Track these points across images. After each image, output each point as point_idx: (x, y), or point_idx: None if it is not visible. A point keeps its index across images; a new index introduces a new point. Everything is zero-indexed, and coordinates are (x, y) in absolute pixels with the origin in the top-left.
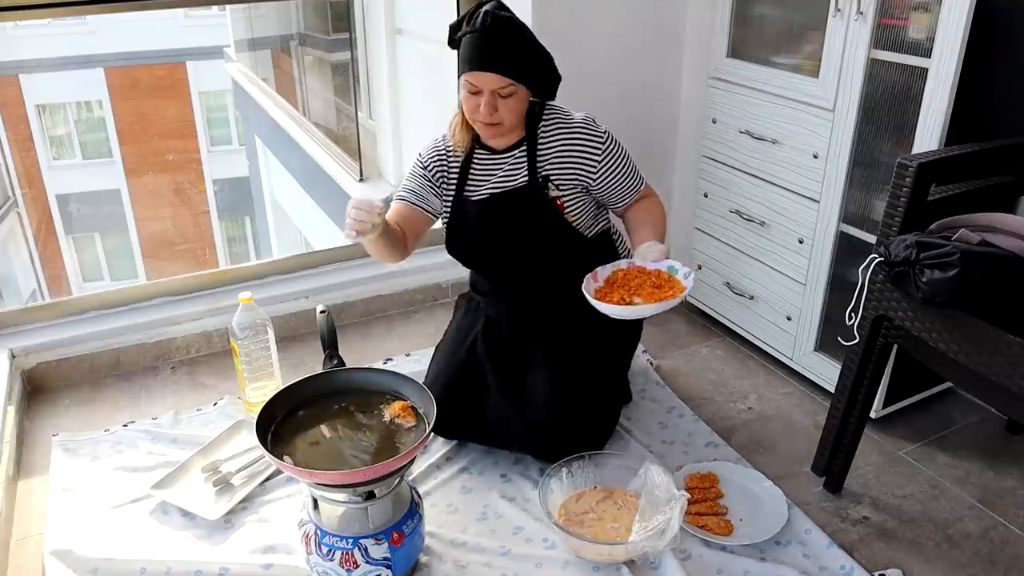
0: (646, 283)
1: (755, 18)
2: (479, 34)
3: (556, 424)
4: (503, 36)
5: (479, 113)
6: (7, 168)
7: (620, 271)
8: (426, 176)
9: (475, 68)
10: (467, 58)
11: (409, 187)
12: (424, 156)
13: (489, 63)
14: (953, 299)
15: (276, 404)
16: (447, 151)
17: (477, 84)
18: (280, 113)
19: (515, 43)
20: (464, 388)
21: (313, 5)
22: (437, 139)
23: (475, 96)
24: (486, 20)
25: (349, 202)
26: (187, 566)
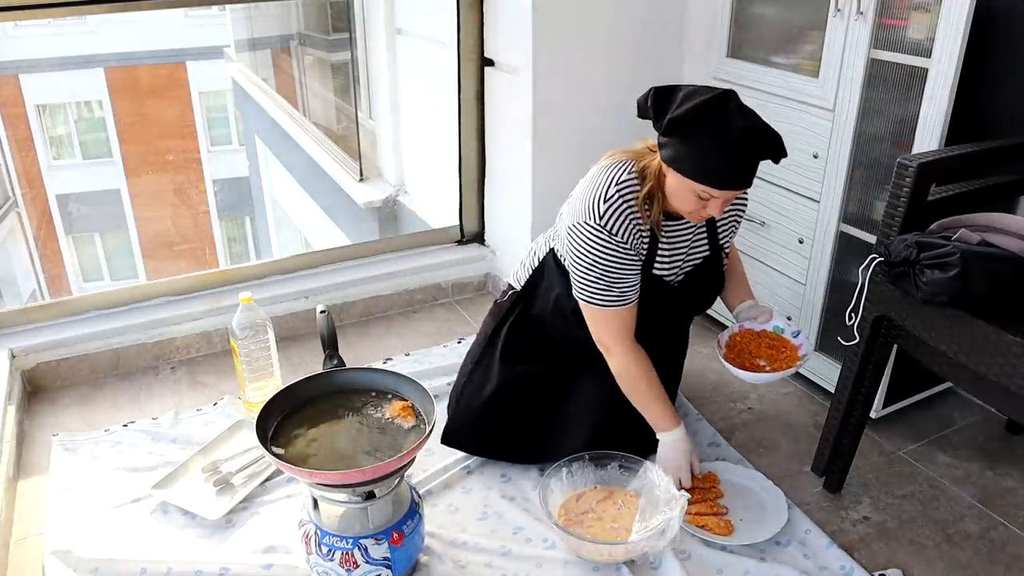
0: (762, 346)
1: (755, 18)
2: (734, 149)
3: (601, 436)
4: (758, 154)
5: (704, 214)
6: (7, 168)
7: (735, 335)
8: (634, 259)
9: (727, 187)
10: (715, 172)
11: (628, 282)
12: (622, 235)
13: (738, 182)
14: (953, 299)
15: (276, 404)
16: (637, 222)
17: (717, 195)
18: (280, 113)
19: (771, 154)
20: (511, 417)
21: (313, 5)
22: (615, 205)
23: (703, 200)
24: (742, 136)
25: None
26: (187, 566)
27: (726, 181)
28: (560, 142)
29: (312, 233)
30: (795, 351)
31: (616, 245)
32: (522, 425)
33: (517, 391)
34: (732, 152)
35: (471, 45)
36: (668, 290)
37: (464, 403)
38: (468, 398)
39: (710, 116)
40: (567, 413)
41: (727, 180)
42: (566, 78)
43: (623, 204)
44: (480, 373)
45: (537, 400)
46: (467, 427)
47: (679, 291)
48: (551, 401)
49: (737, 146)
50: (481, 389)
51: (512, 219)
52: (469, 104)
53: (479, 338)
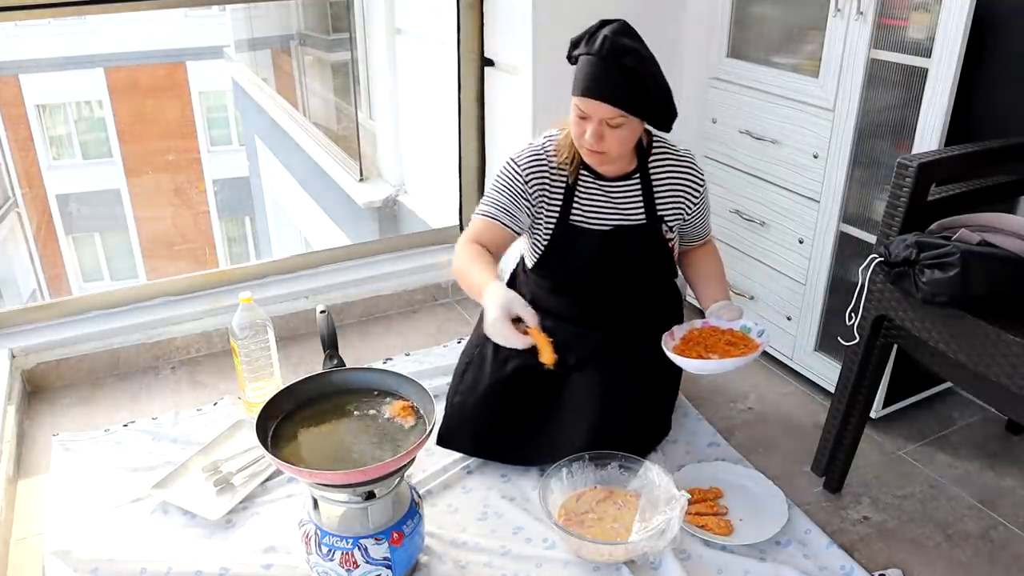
0: (720, 341)
1: (755, 18)
2: (596, 59)
3: (601, 436)
4: (618, 65)
5: (585, 139)
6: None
7: (695, 330)
8: (524, 191)
9: (587, 95)
10: (580, 82)
11: (500, 203)
12: (523, 167)
13: (601, 92)
14: (953, 299)
15: (276, 404)
16: (551, 167)
17: (587, 111)
18: (280, 113)
19: (632, 74)
20: (504, 413)
21: (313, 5)
22: (535, 147)
23: (583, 121)
24: (604, 45)
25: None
26: (187, 566)
27: (585, 88)
28: None
29: (312, 233)
30: (754, 348)
31: (515, 173)
32: (517, 426)
33: (510, 389)
34: (595, 61)
35: (471, 45)
36: (592, 236)
37: (458, 403)
38: (462, 397)
39: (590, 31)
40: (563, 414)
41: (586, 87)
42: (566, 78)
43: (541, 149)
44: (472, 372)
45: (531, 398)
46: (462, 428)
47: (609, 240)
48: (545, 401)
49: (598, 54)
50: (474, 389)
51: None
52: (469, 104)
53: (470, 339)
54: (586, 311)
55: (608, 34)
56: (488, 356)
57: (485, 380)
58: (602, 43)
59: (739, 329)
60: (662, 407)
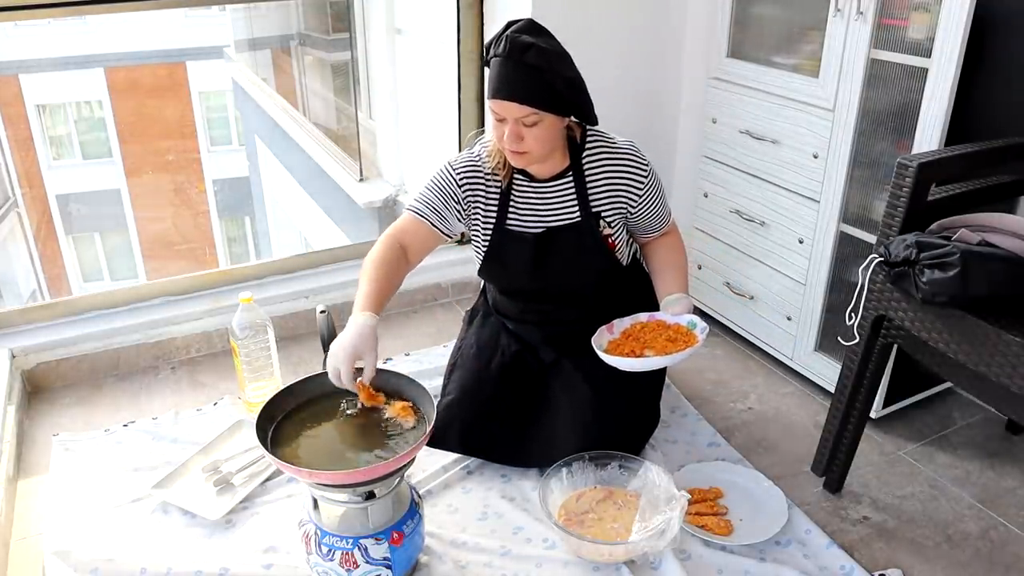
0: (661, 336)
1: (755, 18)
2: (501, 61)
3: (594, 441)
4: (524, 64)
5: (504, 141)
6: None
7: (639, 324)
8: (455, 197)
9: (496, 96)
10: (490, 84)
11: (431, 204)
12: (458, 173)
13: (509, 92)
14: (953, 299)
15: (276, 404)
16: (485, 174)
17: (500, 112)
18: (280, 113)
19: (535, 71)
20: (492, 409)
21: (313, 5)
22: (472, 154)
23: (501, 124)
24: (506, 45)
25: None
26: (187, 566)
27: (497, 91)
28: None
29: (312, 233)
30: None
31: (448, 176)
32: (506, 424)
33: (496, 386)
34: (501, 62)
35: (471, 45)
36: (525, 240)
37: (446, 403)
38: (449, 397)
39: (498, 33)
40: (553, 413)
41: (498, 90)
42: None
43: (477, 156)
44: (458, 372)
45: (518, 396)
46: (451, 427)
47: (540, 243)
48: (534, 399)
49: (503, 55)
50: (460, 388)
51: None
52: (469, 104)
53: (456, 341)
54: (539, 313)
55: (510, 34)
56: (470, 354)
57: (470, 379)
58: (505, 43)
59: (686, 324)
60: (650, 397)
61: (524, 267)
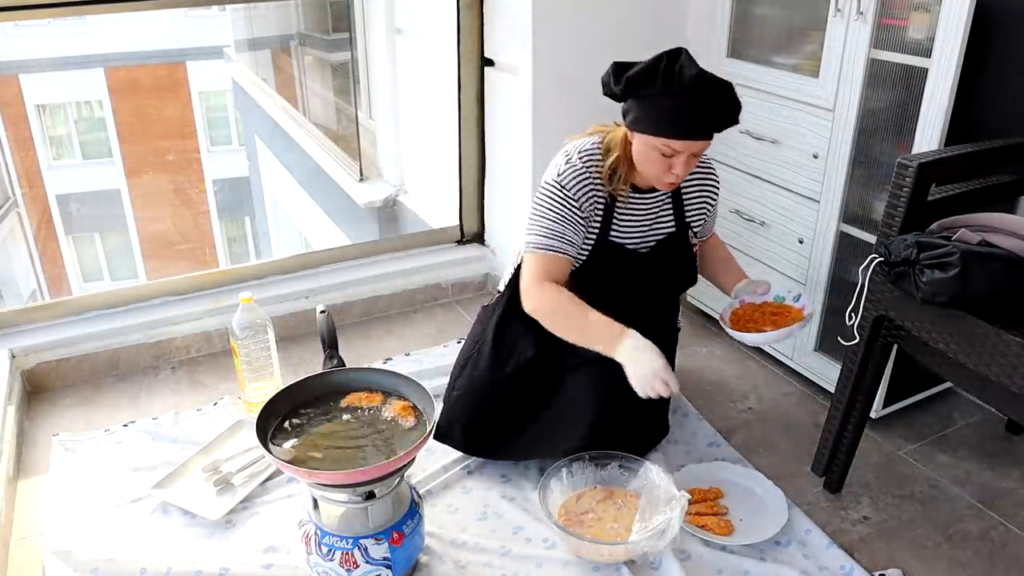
0: (765, 313)
1: (755, 18)
2: (689, 98)
3: (599, 434)
4: (716, 102)
5: (671, 174)
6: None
7: (737, 310)
8: (580, 219)
9: (685, 136)
10: (672, 123)
11: (561, 234)
12: (573, 192)
13: (703, 131)
14: (953, 299)
15: (276, 404)
16: (597, 187)
17: (679, 148)
18: (280, 113)
19: (726, 107)
20: (500, 411)
21: (313, 5)
22: (576, 168)
23: (668, 157)
24: (694, 83)
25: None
26: (187, 566)
27: (683, 130)
28: (560, 142)
29: (312, 233)
30: (799, 312)
31: (565, 198)
32: (514, 424)
33: (509, 387)
34: (686, 100)
35: (471, 45)
36: (632, 257)
37: (455, 399)
38: (459, 393)
39: (662, 68)
40: (560, 414)
41: (684, 129)
42: (566, 78)
43: (584, 169)
44: (470, 370)
45: (529, 398)
46: (458, 424)
47: (647, 260)
48: (543, 400)
49: (691, 94)
50: (472, 386)
51: (512, 219)
52: (469, 104)
53: (468, 340)
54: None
55: (695, 72)
56: (487, 354)
57: (483, 378)
58: (691, 82)
59: (773, 299)
60: (659, 407)
61: (623, 279)
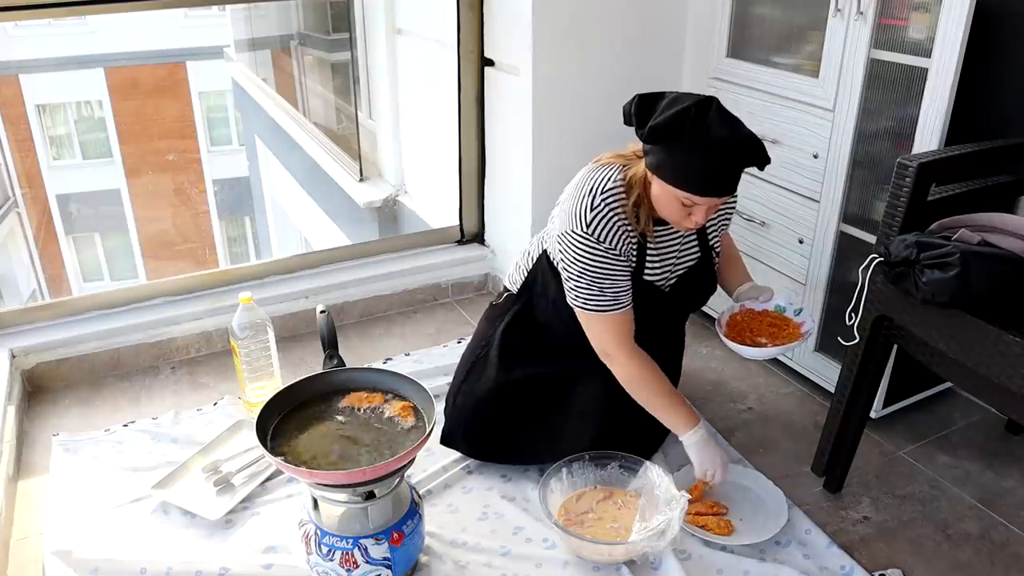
0: (763, 323)
1: (755, 18)
2: (717, 159)
3: (607, 437)
4: (743, 160)
5: (690, 220)
6: (7, 168)
7: (736, 315)
8: (624, 264)
9: (710, 194)
10: (695, 180)
11: (619, 289)
12: (612, 243)
13: (729, 188)
14: (953, 299)
15: (276, 404)
16: (626, 229)
17: (698, 202)
18: (280, 113)
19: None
20: (506, 418)
21: (313, 5)
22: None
23: (688, 207)
24: (724, 145)
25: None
26: (187, 566)
27: (708, 188)
28: (560, 142)
29: (312, 233)
30: (797, 328)
31: (605, 251)
32: (519, 429)
33: (515, 394)
34: (712, 160)
35: (471, 45)
36: (660, 295)
37: (460, 405)
38: (465, 398)
39: (690, 123)
40: (566, 419)
41: (708, 187)
42: (566, 78)
43: (609, 212)
44: (476, 375)
45: (536, 403)
46: (463, 428)
47: (671, 295)
48: (550, 404)
49: (717, 155)
50: (477, 392)
51: (512, 219)
52: (469, 104)
53: (474, 341)
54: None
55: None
56: (493, 360)
57: (489, 383)
58: (721, 143)
59: (773, 309)
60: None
61: (652, 314)
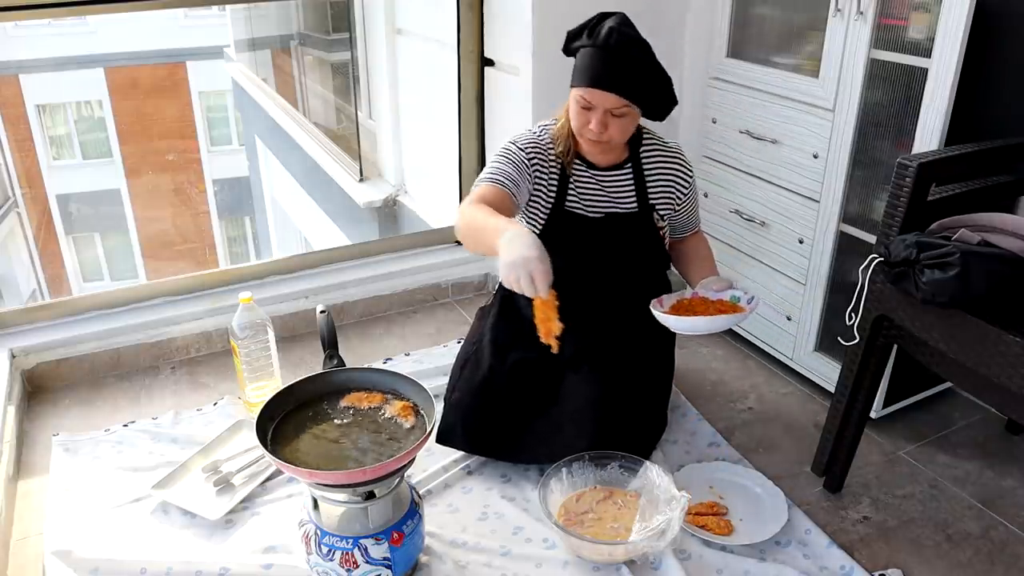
0: (710, 309)
1: (755, 18)
2: (601, 50)
3: (605, 435)
4: (626, 56)
5: (588, 129)
6: (7, 168)
7: (685, 300)
8: (524, 163)
9: (593, 85)
10: (585, 73)
11: (503, 170)
12: (523, 148)
13: (609, 83)
14: (953, 299)
15: (276, 404)
16: (548, 153)
17: (591, 100)
18: (280, 113)
19: (637, 65)
20: (502, 409)
21: (313, 5)
22: (533, 131)
23: (587, 111)
24: (611, 37)
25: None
26: (187, 566)
27: (592, 79)
28: None
29: (312, 233)
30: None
31: (515, 150)
32: (516, 424)
33: (510, 382)
34: (600, 52)
35: (471, 45)
36: (586, 222)
37: (456, 400)
38: (460, 394)
39: (591, 23)
40: (562, 415)
41: (595, 78)
42: (566, 78)
43: (536, 134)
44: (470, 369)
45: (529, 395)
46: (460, 425)
47: (601, 227)
48: (544, 400)
49: (602, 46)
50: (472, 385)
51: None
52: (469, 104)
53: (466, 342)
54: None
55: (614, 26)
56: (485, 352)
57: (483, 375)
58: (608, 34)
59: (728, 299)
60: (659, 402)
61: (583, 248)
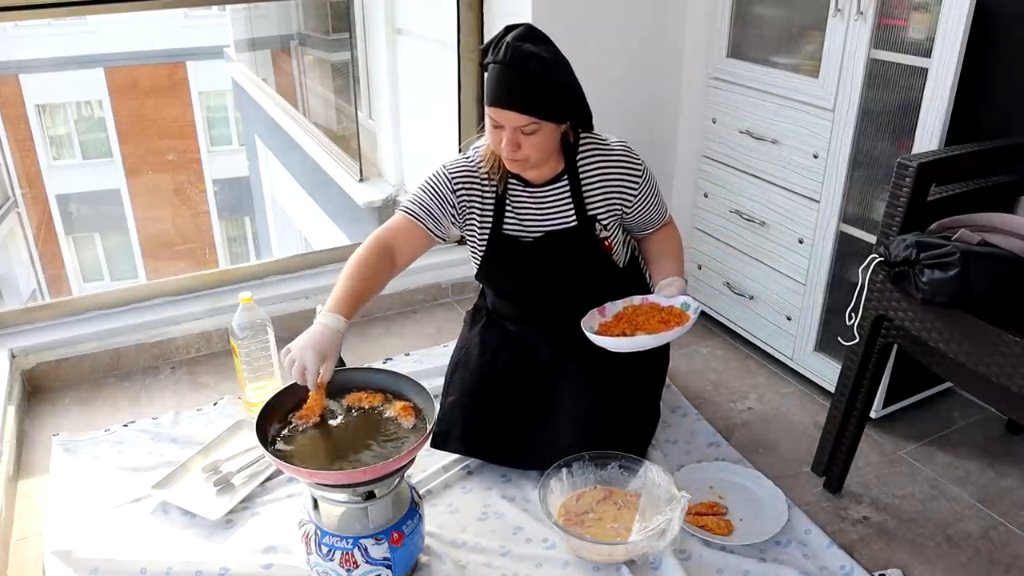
0: (653, 318)
1: (755, 18)
2: (501, 68)
3: (597, 442)
4: (523, 72)
5: (502, 148)
6: (7, 168)
7: (631, 307)
8: (450, 200)
9: (495, 105)
10: (488, 92)
11: (425, 205)
12: (453, 176)
13: (508, 101)
14: (953, 299)
15: (276, 404)
16: (480, 178)
17: (499, 120)
18: (280, 113)
19: (537, 81)
20: (496, 409)
21: (313, 5)
22: (468, 157)
23: (499, 130)
24: (507, 53)
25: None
26: (187, 566)
27: (496, 99)
28: None
29: (312, 233)
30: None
31: (442, 180)
32: (510, 425)
33: (499, 385)
34: (500, 69)
35: (471, 45)
36: (522, 246)
37: (449, 404)
38: (453, 398)
39: (496, 38)
40: (555, 416)
41: (495, 98)
42: None
43: (470, 160)
44: (460, 373)
45: (522, 396)
46: (455, 428)
47: (537, 247)
48: (537, 401)
49: (502, 63)
50: (463, 388)
51: None
52: (469, 104)
53: (456, 347)
54: (536, 316)
55: (511, 41)
56: (475, 355)
57: (474, 378)
58: (506, 51)
59: (679, 306)
60: (651, 396)
61: (522, 272)
